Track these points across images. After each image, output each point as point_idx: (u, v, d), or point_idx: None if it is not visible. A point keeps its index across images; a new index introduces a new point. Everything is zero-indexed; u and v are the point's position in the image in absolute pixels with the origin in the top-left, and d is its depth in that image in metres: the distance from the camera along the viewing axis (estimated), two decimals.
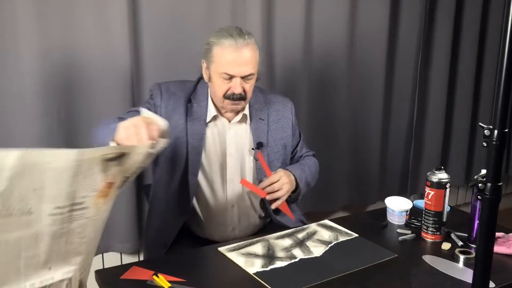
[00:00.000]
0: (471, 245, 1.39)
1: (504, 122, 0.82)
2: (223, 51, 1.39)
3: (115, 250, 2.09)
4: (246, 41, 1.39)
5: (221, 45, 1.39)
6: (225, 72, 1.40)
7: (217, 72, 1.42)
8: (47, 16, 1.74)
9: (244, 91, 1.43)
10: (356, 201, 2.74)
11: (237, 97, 1.43)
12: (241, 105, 1.49)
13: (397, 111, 2.79)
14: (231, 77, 1.41)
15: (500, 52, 0.79)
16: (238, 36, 1.39)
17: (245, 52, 1.39)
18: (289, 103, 1.67)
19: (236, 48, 1.38)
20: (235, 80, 1.41)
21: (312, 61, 2.39)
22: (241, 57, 1.39)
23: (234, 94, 1.42)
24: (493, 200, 0.84)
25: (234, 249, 1.30)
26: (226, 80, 1.41)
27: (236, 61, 1.39)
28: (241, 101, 1.45)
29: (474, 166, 3.19)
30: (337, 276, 1.18)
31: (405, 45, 2.69)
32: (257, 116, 1.57)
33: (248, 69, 1.41)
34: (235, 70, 1.40)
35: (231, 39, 1.38)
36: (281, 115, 1.63)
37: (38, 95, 1.76)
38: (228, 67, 1.39)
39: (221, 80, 1.42)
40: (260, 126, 1.57)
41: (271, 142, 1.58)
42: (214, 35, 1.44)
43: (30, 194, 0.77)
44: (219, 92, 1.44)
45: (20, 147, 1.82)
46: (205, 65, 1.48)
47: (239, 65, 1.40)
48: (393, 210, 1.56)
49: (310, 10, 2.32)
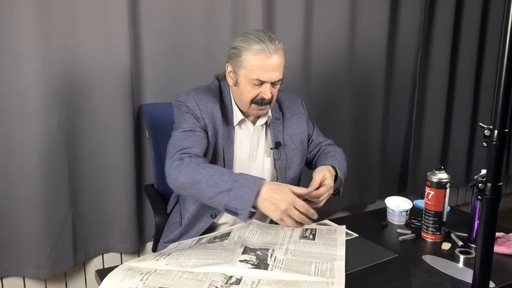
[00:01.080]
0: (471, 245, 1.39)
1: (504, 122, 0.82)
2: (254, 57, 1.38)
3: (115, 251, 2.09)
4: (277, 47, 1.39)
5: (252, 50, 1.38)
6: (257, 78, 1.39)
7: (247, 78, 1.41)
8: (47, 17, 1.74)
9: (272, 95, 1.44)
10: (356, 201, 2.74)
11: (266, 102, 1.43)
12: (266, 110, 1.49)
13: (397, 111, 2.79)
14: (262, 82, 1.41)
15: (500, 52, 0.80)
16: (269, 41, 1.38)
17: (276, 57, 1.39)
18: (298, 99, 1.68)
19: (268, 55, 1.37)
20: (265, 85, 1.41)
21: (311, 61, 2.40)
22: (273, 63, 1.38)
23: (264, 99, 1.42)
24: (493, 200, 0.84)
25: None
26: (256, 86, 1.41)
27: (268, 67, 1.38)
28: (267, 105, 1.46)
29: (474, 166, 3.19)
30: None
31: (405, 45, 2.69)
32: (274, 116, 1.58)
33: (278, 74, 1.41)
34: (267, 76, 1.39)
35: (262, 44, 1.37)
36: (294, 111, 1.63)
37: (38, 95, 1.76)
38: (261, 73, 1.39)
39: (251, 85, 1.42)
40: (276, 126, 1.58)
41: (288, 140, 1.59)
42: (241, 39, 1.41)
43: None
44: (247, 97, 1.44)
45: (20, 147, 1.84)
46: (230, 69, 1.46)
47: (270, 71, 1.39)
48: (393, 210, 1.56)
49: (310, 10, 2.33)
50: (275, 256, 1.19)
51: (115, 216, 2.02)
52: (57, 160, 1.83)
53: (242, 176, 1.26)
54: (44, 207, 1.83)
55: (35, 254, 1.86)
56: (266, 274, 1.10)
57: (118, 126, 1.93)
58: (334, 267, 1.15)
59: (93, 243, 2.04)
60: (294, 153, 1.59)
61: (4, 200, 1.81)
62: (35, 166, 1.79)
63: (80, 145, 1.91)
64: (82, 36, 1.83)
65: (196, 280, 1.06)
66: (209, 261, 1.15)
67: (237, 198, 1.21)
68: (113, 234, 2.04)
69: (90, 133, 1.92)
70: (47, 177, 1.81)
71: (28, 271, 1.89)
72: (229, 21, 2.10)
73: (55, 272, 1.92)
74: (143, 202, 2.09)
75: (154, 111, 1.78)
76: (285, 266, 1.14)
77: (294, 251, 1.24)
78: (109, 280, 1.07)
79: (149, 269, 1.11)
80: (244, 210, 1.20)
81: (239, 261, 1.15)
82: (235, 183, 1.23)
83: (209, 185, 1.25)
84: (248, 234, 1.32)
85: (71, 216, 1.92)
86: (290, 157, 1.58)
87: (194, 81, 1.75)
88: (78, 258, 1.99)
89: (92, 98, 1.89)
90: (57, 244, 1.89)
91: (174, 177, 1.31)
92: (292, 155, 1.59)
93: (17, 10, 1.69)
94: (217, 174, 1.26)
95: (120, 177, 1.97)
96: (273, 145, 1.55)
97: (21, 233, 1.84)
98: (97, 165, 1.95)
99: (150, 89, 2.02)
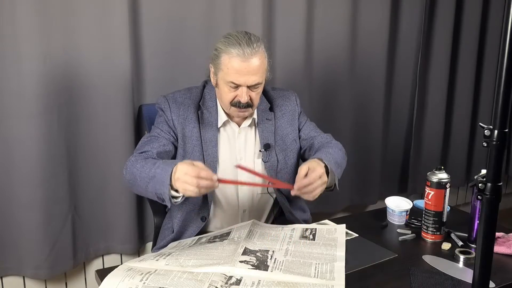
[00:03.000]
0: (471, 245, 1.39)
1: (504, 122, 0.82)
2: (230, 60, 1.37)
3: (115, 252, 2.09)
4: (254, 50, 1.37)
5: (229, 53, 1.37)
6: (232, 81, 1.39)
7: (224, 80, 1.41)
8: (47, 18, 1.74)
9: (251, 99, 1.43)
10: (356, 202, 2.74)
11: (243, 105, 1.42)
12: (248, 112, 1.48)
13: (397, 111, 2.79)
14: (238, 86, 1.40)
15: (500, 52, 0.80)
16: (247, 45, 1.36)
17: (253, 61, 1.37)
18: (292, 95, 1.64)
19: (243, 58, 1.36)
20: (241, 89, 1.40)
21: (312, 62, 2.39)
22: (248, 67, 1.37)
23: (240, 102, 1.41)
24: (493, 200, 0.84)
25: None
26: (233, 88, 1.41)
27: (243, 71, 1.37)
28: (248, 108, 1.44)
29: (474, 166, 3.18)
30: None
31: (405, 45, 2.69)
32: (264, 117, 1.56)
33: (255, 78, 1.39)
34: (242, 79, 1.38)
35: (239, 48, 1.36)
36: (285, 109, 1.60)
37: (38, 96, 1.76)
38: (235, 76, 1.38)
39: (228, 88, 1.41)
40: (267, 127, 1.56)
41: (279, 140, 1.57)
42: (222, 40, 1.41)
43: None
44: (226, 99, 1.44)
45: (20, 147, 1.84)
46: (212, 70, 1.47)
47: (246, 75, 1.37)
48: (393, 210, 1.56)
49: (310, 10, 2.32)
50: (275, 258, 1.19)
51: (115, 216, 2.01)
52: (57, 160, 1.83)
53: (163, 162, 1.29)
54: (44, 207, 1.83)
55: (34, 255, 1.86)
56: (266, 275, 1.10)
57: (118, 126, 1.93)
58: (334, 269, 1.15)
59: (93, 243, 2.03)
60: (285, 154, 1.57)
61: (4, 200, 1.81)
62: (35, 166, 1.79)
63: (80, 146, 1.91)
64: (82, 36, 1.82)
65: (196, 280, 1.06)
66: (209, 261, 1.15)
67: (159, 183, 1.24)
68: (113, 235, 2.04)
69: (90, 133, 1.91)
70: (47, 177, 1.81)
71: (28, 271, 1.89)
72: (229, 21, 2.09)
73: (54, 273, 1.92)
74: (143, 202, 2.09)
75: (154, 111, 1.78)
76: (285, 268, 1.14)
77: (294, 252, 1.23)
78: (109, 280, 1.07)
79: (149, 269, 1.12)
80: (165, 194, 1.22)
81: (239, 262, 1.15)
82: (157, 169, 1.26)
83: (141, 177, 1.31)
84: (248, 235, 1.32)
85: (70, 217, 1.92)
86: (281, 159, 1.55)
87: (194, 81, 1.75)
88: (78, 258, 1.99)
89: (92, 98, 1.89)
90: (56, 245, 1.89)
91: (123, 176, 1.40)
92: (283, 156, 1.56)
93: (17, 10, 1.69)
94: (147, 165, 1.31)
95: (120, 178, 1.95)
96: (262, 147, 1.53)
97: (20, 233, 1.84)
98: (97, 165, 1.95)
99: (150, 89, 2.02)
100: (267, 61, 1.44)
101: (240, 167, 1.36)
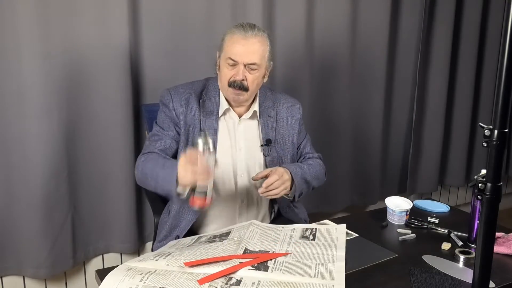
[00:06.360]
0: (471, 245, 1.39)
1: (504, 122, 0.82)
2: (231, 38, 1.45)
3: (115, 251, 2.09)
4: (255, 33, 1.45)
5: (232, 33, 1.46)
6: (229, 57, 1.44)
7: (224, 58, 1.47)
8: (47, 16, 1.74)
9: (247, 80, 1.45)
10: (356, 202, 2.74)
11: (237, 84, 1.45)
12: (243, 97, 1.49)
13: (397, 111, 2.79)
14: (235, 63, 1.44)
15: (500, 52, 0.80)
16: (249, 28, 1.45)
17: (252, 41, 1.44)
18: (297, 104, 1.69)
19: (243, 36, 1.44)
20: (238, 66, 1.44)
21: (312, 60, 2.39)
22: (247, 45, 1.43)
23: (236, 81, 1.44)
24: (493, 200, 0.84)
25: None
26: (231, 66, 1.45)
27: (242, 48, 1.43)
28: (243, 91, 1.47)
29: (474, 166, 3.18)
30: None
31: (405, 45, 2.69)
32: (266, 114, 1.59)
33: (252, 58, 1.44)
34: (239, 56, 1.43)
35: (241, 29, 1.45)
36: (289, 113, 1.64)
37: (39, 95, 1.76)
38: (233, 52, 1.44)
39: (226, 66, 1.46)
40: (268, 123, 1.59)
41: (279, 139, 1.60)
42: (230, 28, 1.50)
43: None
44: (224, 79, 1.48)
45: (20, 147, 1.84)
46: (218, 54, 1.53)
47: (244, 52, 1.43)
48: (393, 210, 1.56)
49: (311, 9, 2.32)
50: (275, 258, 1.19)
51: (115, 216, 2.02)
52: (57, 160, 1.83)
53: (170, 160, 1.42)
54: (43, 207, 1.83)
55: (34, 254, 1.86)
56: (266, 276, 1.10)
57: (118, 126, 1.93)
58: (334, 269, 1.15)
59: (93, 243, 2.04)
60: (284, 153, 1.60)
61: (4, 199, 1.81)
62: (35, 166, 1.79)
63: (80, 145, 1.91)
64: (82, 36, 1.82)
65: (196, 281, 1.06)
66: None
67: (166, 181, 1.32)
68: (113, 234, 2.04)
69: (90, 133, 1.92)
70: (47, 177, 1.81)
71: (28, 271, 1.89)
72: (229, 20, 2.09)
73: (54, 272, 1.92)
74: (143, 202, 2.09)
75: (154, 111, 1.78)
76: (285, 268, 1.14)
77: (294, 252, 1.23)
78: (109, 280, 1.07)
79: (149, 269, 1.11)
80: (171, 190, 1.30)
81: (240, 263, 1.15)
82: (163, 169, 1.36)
83: (152, 177, 1.40)
84: (248, 235, 1.32)
85: (70, 216, 1.92)
86: (281, 155, 1.59)
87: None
88: (77, 258, 1.99)
89: (92, 98, 1.89)
90: (56, 244, 1.89)
91: (136, 175, 1.50)
92: (283, 153, 1.60)
93: (18, 10, 1.69)
94: (158, 165, 1.40)
95: (120, 177, 1.97)
96: (264, 141, 1.56)
97: (20, 232, 1.84)
98: (97, 165, 1.95)
99: (150, 89, 2.02)
100: (268, 50, 1.49)
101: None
